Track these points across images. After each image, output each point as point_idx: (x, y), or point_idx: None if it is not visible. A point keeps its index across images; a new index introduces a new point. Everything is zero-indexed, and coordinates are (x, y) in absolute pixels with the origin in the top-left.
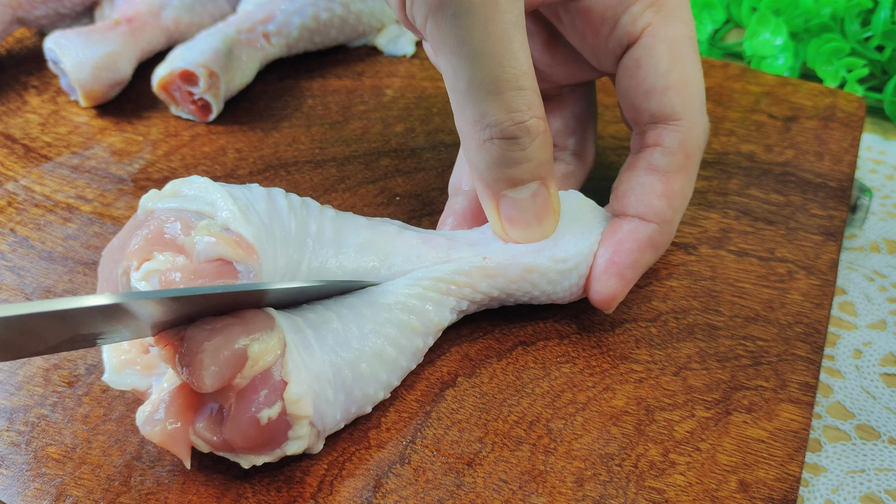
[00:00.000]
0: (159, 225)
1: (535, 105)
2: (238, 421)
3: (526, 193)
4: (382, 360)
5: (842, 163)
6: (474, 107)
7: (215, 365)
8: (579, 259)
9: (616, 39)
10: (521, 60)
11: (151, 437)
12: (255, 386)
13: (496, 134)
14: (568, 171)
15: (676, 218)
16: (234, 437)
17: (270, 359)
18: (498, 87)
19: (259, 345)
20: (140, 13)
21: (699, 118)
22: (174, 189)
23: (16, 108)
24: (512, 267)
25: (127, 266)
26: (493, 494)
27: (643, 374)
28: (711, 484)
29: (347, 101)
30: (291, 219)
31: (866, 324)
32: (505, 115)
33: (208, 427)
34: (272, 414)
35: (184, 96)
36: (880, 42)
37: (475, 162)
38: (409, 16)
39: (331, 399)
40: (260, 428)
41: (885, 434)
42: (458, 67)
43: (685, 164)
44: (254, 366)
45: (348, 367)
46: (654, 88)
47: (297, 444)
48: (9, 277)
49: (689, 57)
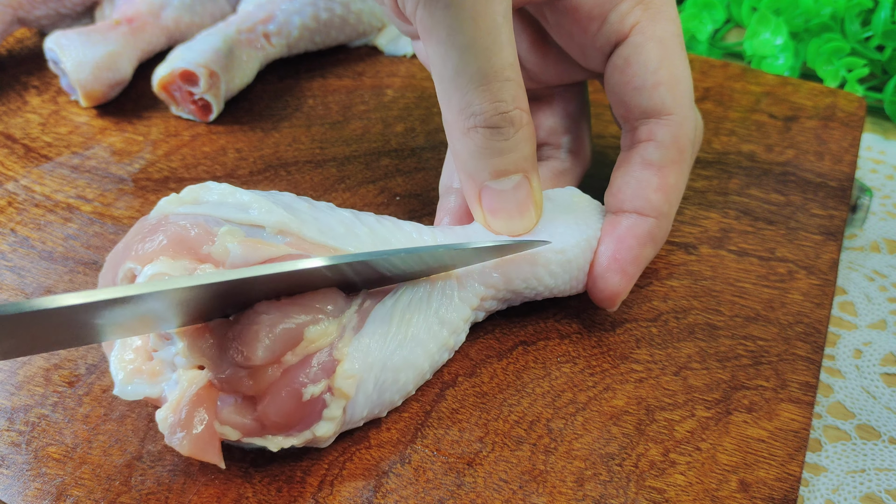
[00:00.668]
0: (176, 231)
1: (519, 97)
2: (278, 395)
3: (508, 185)
4: (416, 371)
5: (842, 162)
6: (461, 96)
7: (269, 338)
8: (577, 251)
9: (604, 37)
10: (508, 53)
11: (180, 449)
12: (306, 362)
13: (480, 123)
14: (564, 169)
15: (672, 211)
16: (271, 412)
17: (326, 341)
18: (485, 77)
19: (318, 327)
20: (140, 13)
21: (689, 112)
22: (194, 195)
23: (16, 108)
24: (516, 260)
25: (130, 269)
26: (493, 494)
27: (643, 374)
28: (712, 484)
29: (348, 101)
30: (334, 217)
31: (866, 323)
32: (489, 104)
33: (237, 411)
34: (315, 391)
35: (184, 96)
36: (880, 42)
37: (459, 151)
38: (399, 4)
39: (369, 392)
40: (300, 403)
41: (886, 434)
42: (447, 56)
43: (678, 158)
44: (308, 346)
45: (392, 372)
46: (645, 85)
47: (328, 425)
48: (9, 277)
49: (678, 54)
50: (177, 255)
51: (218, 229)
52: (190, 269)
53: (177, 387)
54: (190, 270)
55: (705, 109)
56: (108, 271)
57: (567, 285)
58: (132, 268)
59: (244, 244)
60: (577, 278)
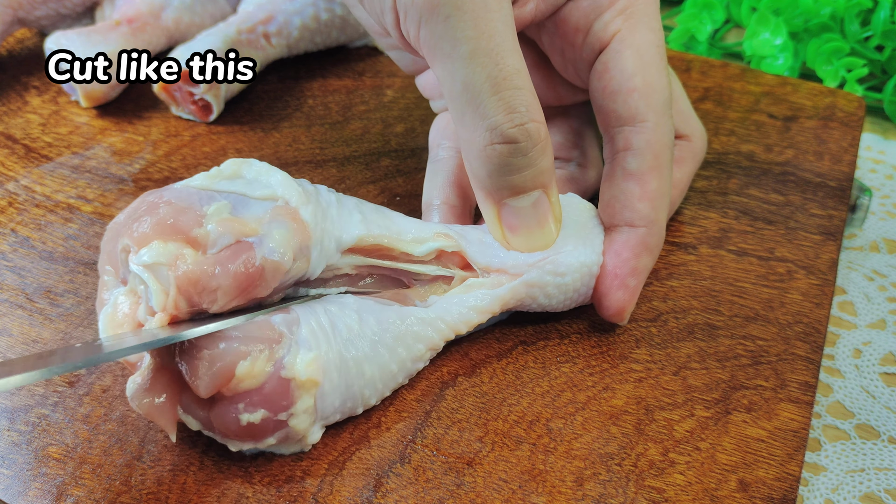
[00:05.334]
0: (168, 213)
1: (533, 107)
2: (220, 414)
3: (527, 202)
4: (384, 371)
5: (841, 162)
6: (473, 109)
7: (208, 376)
8: (577, 276)
9: (589, 47)
10: (515, 59)
11: (139, 409)
12: (237, 398)
13: (497, 139)
14: (574, 182)
15: (662, 217)
16: (217, 424)
17: (254, 382)
18: (495, 84)
19: (248, 363)
20: (141, 14)
21: (663, 119)
22: (234, 169)
23: (16, 108)
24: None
25: (127, 245)
26: (493, 494)
27: (643, 374)
28: (711, 483)
29: (348, 101)
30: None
31: (866, 323)
32: (504, 115)
33: (196, 402)
34: (252, 419)
35: (184, 96)
36: (880, 42)
37: (476, 170)
38: (403, 31)
39: (335, 383)
40: (241, 427)
41: (885, 433)
42: (454, 70)
43: (655, 164)
44: (238, 384)
45: (354, 363)
46: (620, 90)
47: (303, 418)
48: (10, 277)
49: (655, 63)
50: (168, 238)
51: (208, 208)
52: (178, 253)
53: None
54: (177, 256)
55: (705, 109)
56: (109, 241)
57: (562, 304)
58: (128, 244)
59: (221, 223)
60: (572, 298)
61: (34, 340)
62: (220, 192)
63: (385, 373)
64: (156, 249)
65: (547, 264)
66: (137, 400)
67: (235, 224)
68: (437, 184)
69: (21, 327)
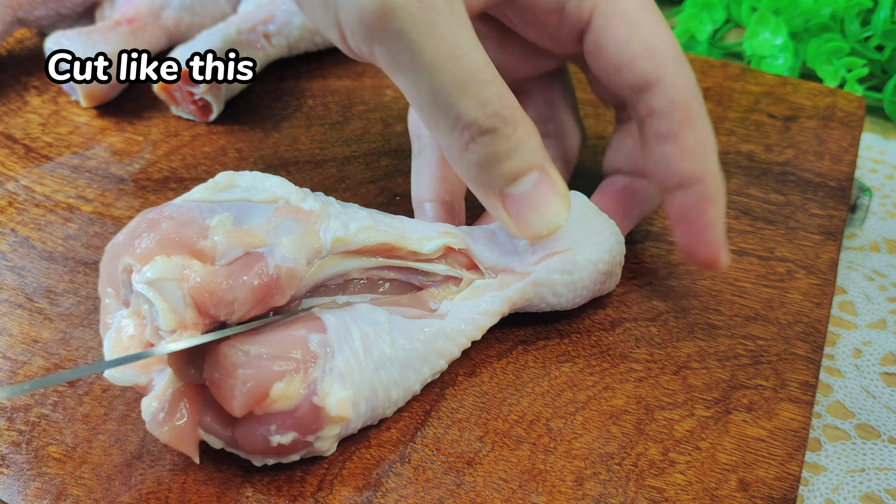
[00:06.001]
0: (171, 228)
1: (504, 95)
2: (248, 433)
3: (528, 185)
4: (408, 392)
5: (841, 162)
6: (445, 114)
7: (242, 396)
8: (584, 273)
9: (567, 27)
10: (478, 55)
11: (161, 437)
12: (268, 418)
13: (476, 133)
14: (555, 156)
15: (711, 162)
16: (243, 443)
17: (288, 404)
18: (461, 84)
19: (283, 385)
20: (140, 14)
21: (677, 69)
22: (228, 180)
23: (16, 108)
24: (524, 285)
25: (129, 264)
26: (493, 493)
27: (643, 374)
28: (711, 483)
29: (348, 101)
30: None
31: (866, 323)
32: (477, 110)
33: (218, 421)
34: (283, 441)
35: (184, 96)
36: (880, 42)
37: (465, 172)
38: (353, 47)
39: (361, 413)
40: (270, 447)
41: (885, 433)
42: (419, 82)
43: (685, 118)
44: (271, 405)
45: (383, 390)
46: (622, 63)
47: (325, 443)
48: (10, 277)
49: (645, 19)
50: (172, 253)
51: (210, 220)
52: (184, 265)
53: (166, 378)
54: (184, 267)
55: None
56: (108, 262)
57: (571, 302)
58: (130, 264)
59: (228, 235)
60: (581, 295)
61: (34, 340)
62: (220, 202)
63: (408, 393)
64: (160, 265)
65: (553, 262)
66: (158, 428)
67: (242, 235)
68: (423, 181)
69: (21, 327)
